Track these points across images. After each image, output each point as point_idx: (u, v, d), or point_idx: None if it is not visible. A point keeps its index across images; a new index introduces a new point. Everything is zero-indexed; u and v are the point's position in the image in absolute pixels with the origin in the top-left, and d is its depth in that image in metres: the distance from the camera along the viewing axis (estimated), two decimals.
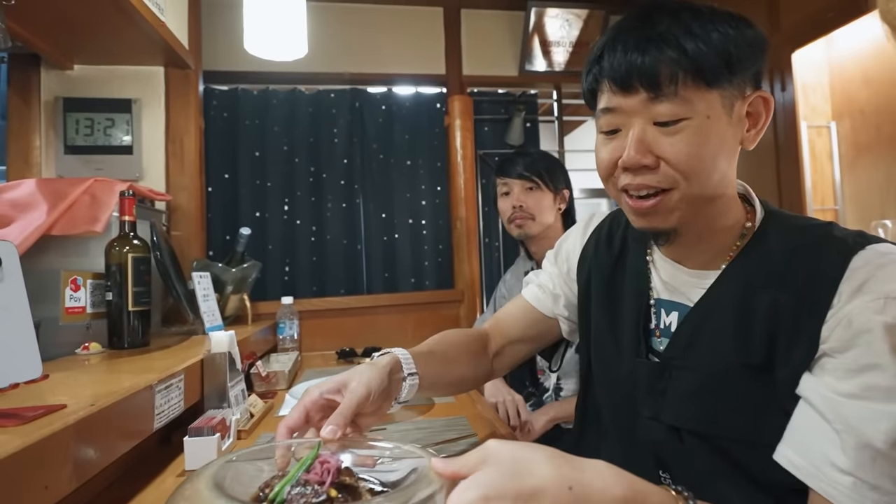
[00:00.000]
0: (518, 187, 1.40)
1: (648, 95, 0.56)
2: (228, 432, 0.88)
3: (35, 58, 1.41)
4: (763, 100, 0.59)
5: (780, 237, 0.60)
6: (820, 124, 2.17)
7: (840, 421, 0.49)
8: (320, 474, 0.48)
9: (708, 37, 0.55)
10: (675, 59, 0.54)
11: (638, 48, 0.55)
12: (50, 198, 1.10)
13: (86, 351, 0.98)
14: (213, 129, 2.08)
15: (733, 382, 0.58)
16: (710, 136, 0.56)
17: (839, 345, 0.51)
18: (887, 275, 0.51)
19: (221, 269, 1.44)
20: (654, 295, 0.70)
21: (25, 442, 0.50)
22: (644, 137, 0.57)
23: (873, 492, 0.46)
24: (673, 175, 0.57)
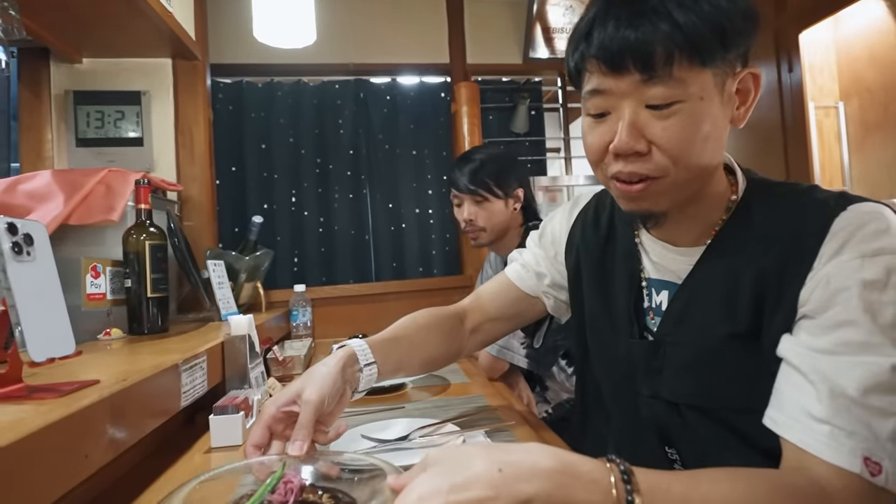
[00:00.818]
0: (468, 200, 1.38)
1: (641, 77, 0.53)
2: (251, 411, 0.90)
3: (44, 51, 1.43)
4: (752, 76, 0.58)
5: (762, 206, 0.60)
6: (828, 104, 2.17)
7: (815, 373, 0.49)
8: (283, 494, 0.51)
9: (701, 9, 0.52)
10: (669, 34, 0.51)
11: (630, 23, 0.52)
12: (66, 188, 1.12)
13: (107, 336, 1.00)
14: (220, 122, 2.09)
15: (724, 353, 0.59)
16: (704, 118, 0.54)
17: (817, 305, 0.51)
18: (866, 234, 0.51)
19: (235, 258, 1.47)
20: (644, 275, 0.70)
21: (66, 412, 0.53)
22: (636, 122, 0.55)
23: (850, 438, 0.46)
24: (664, 163, 0.55)
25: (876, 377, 0.47)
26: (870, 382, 0.47)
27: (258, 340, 1.08)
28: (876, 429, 0.46)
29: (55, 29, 1.31)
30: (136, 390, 0.66)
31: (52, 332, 0.61)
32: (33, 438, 0.47)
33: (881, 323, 0.48)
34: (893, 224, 0.52)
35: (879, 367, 0.47)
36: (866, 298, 0.49)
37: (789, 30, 1.79)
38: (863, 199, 0.55)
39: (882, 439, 0.46)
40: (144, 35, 1.37)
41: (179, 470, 0.77)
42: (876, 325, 0.48)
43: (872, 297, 0.49)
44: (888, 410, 0.46)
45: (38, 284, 0.61)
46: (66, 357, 0.62)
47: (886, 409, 0.46)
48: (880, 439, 0.46)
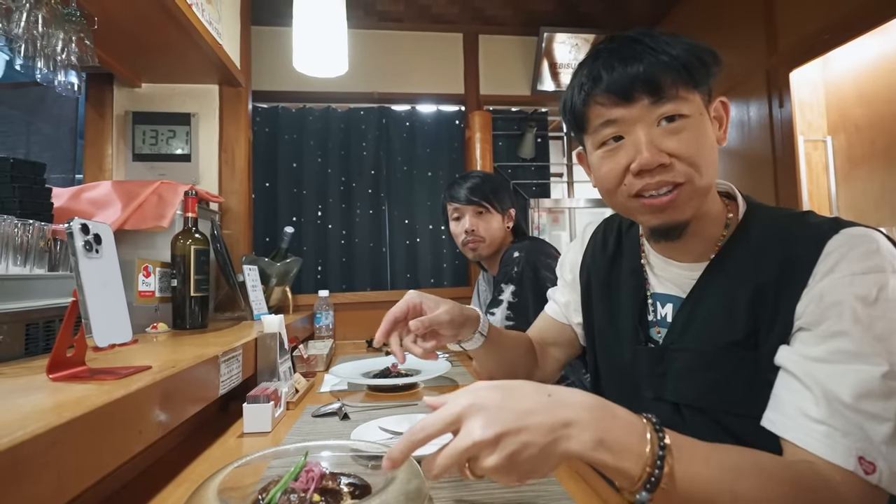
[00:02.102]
0: (469, 212, 1.38)
1: (651, 100, 0.57)
2: (280, 402, 0.93)
3: (109, 77, 1.50)
4: (722, 103, 0.63)
5: (761, 228, 0.62)
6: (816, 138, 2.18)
7: (810, 379, 0.50)
8: (305, 481, 0.53)
9: (683, 47, 0.58)
10: (668, 62, 0.56)
11: (635, 59, 0.57)
12: (123, 197, 1.18)
13: (154, 330, 1.04)
14: (257, 143, 2.16)
15: (724, 360, 0.60)
16: (705, 131, 0.59)
17: (812, 318, 0.53)
18: (857, 254, 0.52)
19: (267, 264, 1.51)
20: (650, 290, 0.71)
21: (125, 392, 0.56)
22: (653, 139, 0.57)
23: (845, 438, 0.47)
24: (686, 169, 0.57)
25: (867, 384, 0.47)
26: (862, 389, 0.47)
27: (287, 339, 1.12)
28: (870, 432, 0.47)
29: (120, 57, 1.38)
30: (183, 376, 0.70)
31: (114, 322, 0.65)
32: (97, 413, 0.50)
33: (873, 334, 0.49)
34: (883, 246, 0.53)
35: (870, 374, 0.47)
36: (858, 311, 0.50)
37: (780, 69, 1.81)
38: (854, 224, 0.56)
39: (876, 442, 0.46)
40: (197, 64, 1.44)
41: (216, 451, 0.80)
42: (867, 335, 0.49)
43: (864, 311, 0.50)
44: (881, 416, 0.47)
45: (103, 279, 0.65)
46: (123, 344, 0.65)
47: (879, 414, 0.47)
48: (874, 442, 0.46)
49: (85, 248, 0.62)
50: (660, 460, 0.41)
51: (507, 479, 0.42)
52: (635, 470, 0.41)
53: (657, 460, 0.41)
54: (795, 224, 0.59)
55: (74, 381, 0.60)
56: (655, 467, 0.41)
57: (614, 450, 0.41)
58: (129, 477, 0.70)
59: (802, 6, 1.72)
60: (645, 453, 0.42)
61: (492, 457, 0.41)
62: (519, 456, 0.41)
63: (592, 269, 0.82)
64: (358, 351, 1.76)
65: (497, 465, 0.40)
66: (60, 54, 1.01)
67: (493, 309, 1.21)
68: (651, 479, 0.41)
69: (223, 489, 0.52)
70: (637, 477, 0.41)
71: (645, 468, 0.41)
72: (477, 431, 0.41)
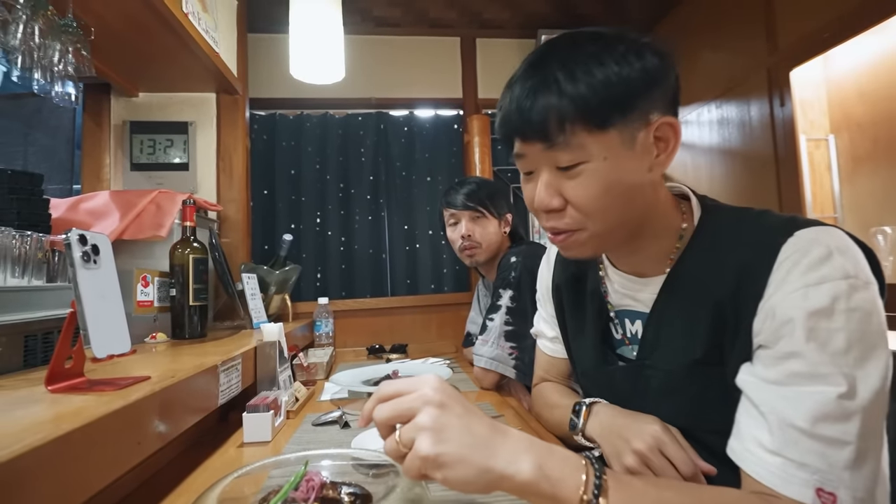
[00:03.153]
0: (465, 217, 1.38)
1: (543, 145, 0.55)
2: (280, 411, 0.93)
3: (106, 86, 1.52)
4: (669, 126, 0.56)
5: (714, 235, 0.59)
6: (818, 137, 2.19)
7: (765, 404, 0.48)
8: (306, 491, 0.53)
9: (592, 80, 0.52)
10: (557, 106, 0.52)
11: (527, 96, 0.54)
12: (121, 207, 1.19)
13: (153, 340, 1.05)
14: (254, 150, 2.17)
15: (692, 379, 0.58)
16: (610, 175, 0.54)
17: (768, 336, 0.50)
18: (811, 262, 0.49)
19: (266, 272, 1.52)
20: (612, 308, 0.70)
21: (124, 403, 0.56)
22: (550, 182, 0.56)
23: (800, 470, 0.45)
24: (579, 217, 0.56)
25: (823, 407, 0.45)
26: (818, 413, 0.45)
27: (286, 347, 1.12)
28: (830, 459, 0.44)
29: (117, 67, 1.40)
30: (182, 386, 0.70)
31: (113, 333, 0.66)
32: (96, 425, 0.50)
33: (830, 351, 0.46)
34: (836, 248, 0.49)
35: (826, 396, 0.45)
36: (812, 328, 0.47)
37: (780, 68, 1.82)
38: (811, 224, 0.53)
39: (838, 468, 0.44)
40: (194, 72, 1.45)
41: (216, 461, 0.80)
42: (824, 353, 0.46)
43: (820, 326, 0.47)
44: (841, 440, 0.44)
45: (101, 290, 0.66)
46: (122, 355, 0.66)
47: (839, 438, 0.44)
48: (835, 469, 0.44)
49: (83, 259, 0.63)
50: (596, 489, 0.42)
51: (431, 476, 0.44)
52: (574, 497, 0.42)
53: (594, 489, 0.42)
54: (749, 229, 0.56)
55: (73, 393, 0.60)
56: (593, 496, 0.42)
57: (552, 478, 0.43)
58: (129, 489, 0.70)
59: (802, 5, 1.73)
60: (581, 482, 0.43)
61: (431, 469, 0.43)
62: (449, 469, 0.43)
63: (564, 289, 0.80)
64: (358, 358, 1.77)
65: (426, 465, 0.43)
66: (57, 65, 1.02)
67: (492, 315, 1.22)
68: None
69: (223, 499, 0.53)
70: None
71: (582, 496, 0.42)
72: (425, 445, 0.43)
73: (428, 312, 2.19)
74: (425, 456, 0.42)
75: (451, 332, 2.16)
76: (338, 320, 1.96)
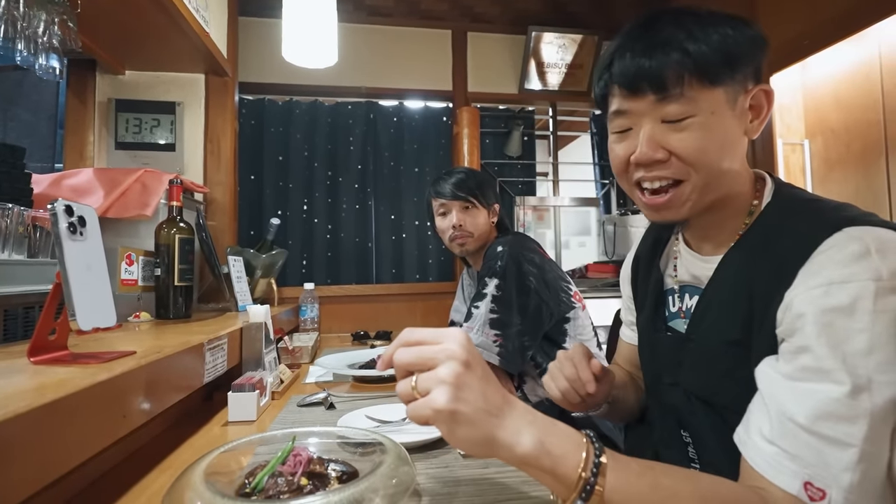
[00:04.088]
0: (456, 207, 1.37)
1: (656, 97, 0.56)
2: (265, 391, 0.92)
3: (91, 62, 1.47)
4: (764, 93, 0.59)
5: (777, 219, 0.58)
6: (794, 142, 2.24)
7: (772, 397, 0.48)
8: (293, 465, 0.53)
9: (709, 38, 0.55)
10: (679, 61, 0.54)
11: (645, 53, 0.56)
12: (106, 185, 1.16)
13: (137, 319, 1.03)
14: (242, 135, 2.14)
15: (724, 356, 0.59)
16: (715, 130, 0.56)
17: (786, 328, 0.50)
18: (840, 260, 0.48)
19: (252, 255, 1.50)
20: (675, 281, 0.71)
21: (109, 375, 0.55)
22: (654, 135, 0.57)
23: (792, 462, 0.45)
24: (683, 167, 0.57)
25: (826, 405, 0.44)
26: (820, 410, 0.44)
27: (272, 330, 1.11)
28: (829, 458, 0.43)
29: (104, 42, 1.36)
30: (168, 363, 0.69)
31: (98, 306, 0.64)
32: (80, 395, 0.49)
33: (846, 350, 0.45)
34: (876, 249, 0.47)
35: (829, 395, 0.44)
36: (826, 324, 0.46)
37: None
38: (869, 222, 0.51)
39: (835, 469, 0.43)
40: (183, 52, 1.42)
41: (200, 439, 0.79)
42: (836, 351, 0.45)
43: (837, 323, 0.46)
44: (842, 441, 0.43)
45: (87, 262, 0.64)
46: (107, 329, 0.65)
47: (840, 439, 0.43)
48: (832, 469, 0.43)
49: (69, 230, 0.61)
50: (595, 467, 0.42)
51: (435, 423, 0.43)
52: (573, 475, 0.42)
53: (593, 467, 0.42)
54: (807, 220, 0.55)
55: (56, 365, 0.59)
56: (591, 474, 0.42)
57: (552, 454, 0.43)
58: (113, 463, 0.69)
59: (784, 12, 1.76)
60: (581, 459, 0.43)
61: (441, 422, 0.43)
62: (459, 428, 0.43)
63: (640, 261, 0.82)
64: (343, 344, 1.76)
65: (437, 417, 0.43)
66: (42, 37, 0.99)
67: (478, 303, 1.22)
68: (587, 487, 0.42)
69: (209, 473, 0.52)
70: (574, 482, 0.42)
71: (581, 473, 0.42)
72: (442, 399, 0.42)
73: (413, 300, 2.20)
74: (439, 409, 0.42)
75: (436, 321, 2.17)
76: (323, 306, 1.95)
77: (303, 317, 1.71)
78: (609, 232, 2.33)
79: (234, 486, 0.54)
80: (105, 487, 0.63)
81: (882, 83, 1.91)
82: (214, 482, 0.50)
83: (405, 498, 0.50)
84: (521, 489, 0.58)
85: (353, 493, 0.47)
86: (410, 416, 0.45)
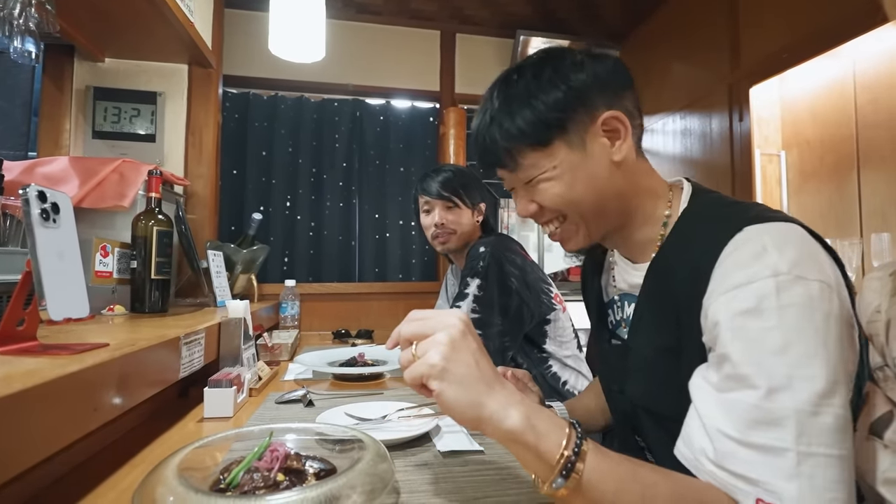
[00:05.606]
0: (439, 206, 1.39)
1: (507, 171, 0.65)
2: (242, 388, 0.91)
3: (69, 48, 1.43)
4: (614, 118, 0.60)
5: (691, 225, 0.60)
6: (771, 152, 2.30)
7: (705, 412, 0.47)
8: (270, 461, 0.53)
9: (526, 112, 0.60)
10: (503, 144, 0.62)
11: (482, 141, 0.65)
12: (81, 174, 1.13)
13: (111, 312, 1.00)
14: (225, 129, 2.10)
15: (657, 363, 0.60)
16: (564, 178, 0.61)
17: (709, 337, 0.50)
18: (742, 259, 0.48)
19: (233, 250, 1.47)
20: (615, 291, 0.73)
21: (80, 367, 0.54)
22: (522, 196, 0.66)
23: (741, 482, 0.43)
24: (556, 211, 0.64)
25: (750, 413, 0.43)
26: (746, 419, 0.43)
27: (252, 325, 1.09)
28: (769, 468, 0.42)
29: (83, 27, 1.32)
30: (142, 356, 0.67)
31: (70, 295, 0.62)
32: (49, 386, 0.47)
33: (762, 350, 0.44)
34: (773, 245, 0.48)
35: (749, 401, 0.43)
36: (738, 328, 0.46)
37: (741, 84, 1.91)
38: (769, 219, 0.52)
39: (778, 478, 0.41)
40: (166, 40, 1.39)
41: (174, 435, 0.77)
42: (750, 355, 0.44)
43: (748, 325, 0.45)
44: (776, 447, 0.42)
45: (60, 250, 0.62)
46: (79, 320, 0.63)
47: (773, 445, 0.42)
48: (777, 480, 0.41)
49: (41, 217, 0.59)
50: (577, 447, 0.43)
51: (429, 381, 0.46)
52: (555, 452, 0.43)
53: (575, 447, 0.43)
54: (715, 221, 0.56)
55: (25, 355, 0.57)
56: (573, 453, 0.43)
57: (537, 430, 0.44)
58: (82, 458, 0.67)
59: (764, 27, 1.81)
60: (565, 437, 0.44)
61: (434, 378, 0.46)
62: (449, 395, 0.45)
63: (586, 278, 0.85)
64: (323, 342, 1.74)
65: (430, 372, 0.46)
66: (18, 19, 0.96)
67: (459, 302, 1.22)
68: (568, 465, 0.42)
69: (183, 469, 0.51)
70: (555, 460, 0.43)
71: (563, 452, 0.43)
72: (436, 356, 0.46)
73: (395, 299, 2.19)
74: (433, 364, 0.45)
75: None
76: (304, 303, 1.93)
77: (283, 314, 1.69)
78: None
79: (209, 482, 0.53)
80: (72, 483, 0.61)
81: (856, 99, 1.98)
82: (188, 477, 0.49)
83: (383, 494, 0.50)
84: (498, 487, 0.58)
85: (330, 489, 0.47)
86: (407, 378, 0.48)
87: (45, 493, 0.58)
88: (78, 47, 1.43)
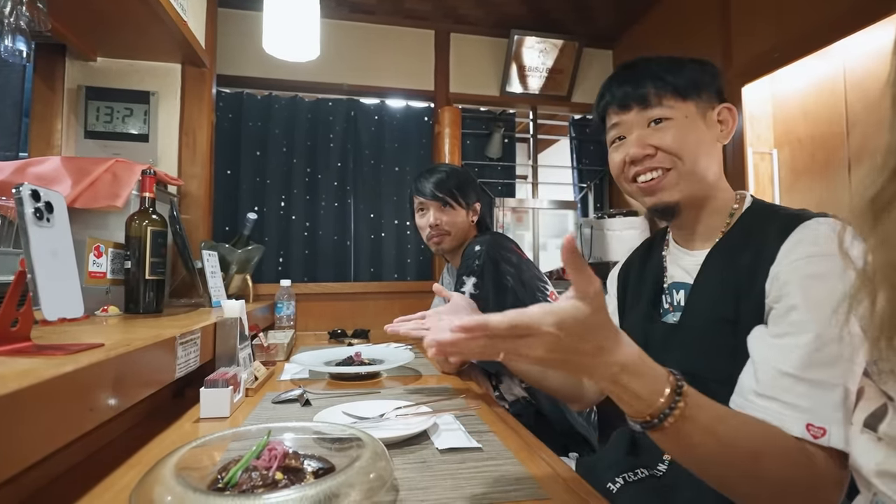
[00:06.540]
0: (433, 207, 1.39)
1: (640, 108, 0.74)
2: (239, 388, 0.90)
3: (61, 47, 1.41)
4: (727, 109, 0.76)
5: (755, 219, 0.71)
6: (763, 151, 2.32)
7: (764, 358, 0.57)
8: (268, 460, 0.53)
9: (680, 70, 0.74)
10: (656, 83, 0.73)
11: (629, 80, 0.75)
12: (74, 174, 1.12)
13: (105, 313, 0.99)
14: (219, 128, 2.09)
15: (710, 331, 0.68)
16: (689, 130, 0.72)
17: (775, 296, 0.60)
18: (815, 238, 0.60)
19: (228, 250, 1.46)
20: (667, 280, 0.81)
21: (76, 367, 0.53)
22: (641, 136, 0.74)
23: (791, 410, 0.53)
24: (668, 157, 0.72)
25: (811, 354, 0.53)
26: (807, 359, 0.53)
27: (248, 325, 1.09)
28: (820, 399, 0.52)
29: (75, 27, 1.31)
30: (138, 356, 0.67)
31: (65, 295, 0.62)
32: (45, 386, 0.47)
33: (822, 307, 0.54)
34: (830, 233, 0.59)
35: (809, 344, 0.53)
36: (808, 287, 0.56)
37: (734, 83, 1.92)
38: (825, 216, 0.64)
39: (828, 408, 0.51)
40: (159, 40, 1.38)
41: (171, 435, 0.76)
42: (815, 309, 0.55)
43: (816, 286, 0.56)
44: (829, 382, 0.52)
45: (54, 250, 0.62)
46: (74, 320, 0.62)
47: (826, 381, 0.52)
48: (826, 408, 0.51)
49: (35, 216, 0.59)
50: (680, 383, 0.49)
51: None
52: (665, 378, 0.49)
53: (678, 383, 0.49)
54: (778, 216, 0.68)
55: (19, 356, 0.56)
56: (677, 382, 0.49)
57: (648, 364, 0.49)
58: (78, 459, 0.66)
59: (756, 26, 1.83)
60: (669, 373, 0.50)
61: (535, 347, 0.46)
62: None
63: (631, 267, 0.91)
64: (319, 342, 1.74)
65: None
66: (9, 17, 0.95)
67: None
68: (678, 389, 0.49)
69: (180, 468, 0.51)
70: (664, 385, 0.48)
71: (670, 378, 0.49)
72: None
73: (391, 299, 2.18)
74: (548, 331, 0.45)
75: None
76: (300, 303, 1.92)
77: (279, 314, 1.68)
78: (586, 235, 2.36)
79: (207, 481, 0.52)
80: (68, 484, 0.60)
81: (846, 97, 2.00)
82: (186, 477, 0.49)
83: (382, 492, 0.50)
84: (497, 484, 0.58)
85: (329, 487, 0.47)
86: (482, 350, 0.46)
87: (41, 493, 0.58)
88: (70, 46, 1.41)
